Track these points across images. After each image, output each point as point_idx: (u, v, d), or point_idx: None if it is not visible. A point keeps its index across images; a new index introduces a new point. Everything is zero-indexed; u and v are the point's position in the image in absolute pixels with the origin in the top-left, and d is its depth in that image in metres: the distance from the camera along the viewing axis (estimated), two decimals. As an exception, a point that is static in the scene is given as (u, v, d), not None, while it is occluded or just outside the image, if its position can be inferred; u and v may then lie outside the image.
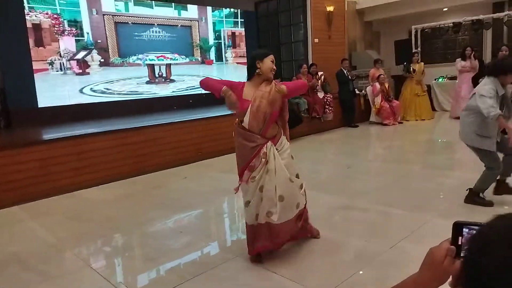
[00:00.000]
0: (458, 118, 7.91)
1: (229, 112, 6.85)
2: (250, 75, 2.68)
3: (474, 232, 0.79)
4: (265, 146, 2.63)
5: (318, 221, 3.23)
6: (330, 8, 9.25)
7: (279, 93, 2.63)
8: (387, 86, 8.47)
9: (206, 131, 6.37)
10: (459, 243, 0.80)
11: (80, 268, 2.90)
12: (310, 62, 8.74)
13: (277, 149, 2.68)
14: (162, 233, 3.51)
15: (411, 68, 8.64)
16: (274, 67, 2.67)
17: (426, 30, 9.97)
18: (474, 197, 3.55)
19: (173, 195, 4.61)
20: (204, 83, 2.74)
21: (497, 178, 3.57)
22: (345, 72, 8.28)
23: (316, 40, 9.10)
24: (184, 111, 7.29)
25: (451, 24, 9.42)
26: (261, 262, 2.76)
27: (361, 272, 2.57)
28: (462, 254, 0.79)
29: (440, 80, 9.69)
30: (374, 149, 7.00)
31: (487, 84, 3.30)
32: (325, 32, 9.32)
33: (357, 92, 8.74)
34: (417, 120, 8.58)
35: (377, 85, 8.37)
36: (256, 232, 2.73)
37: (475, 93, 3.39)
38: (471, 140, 3.48)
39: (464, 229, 0.80)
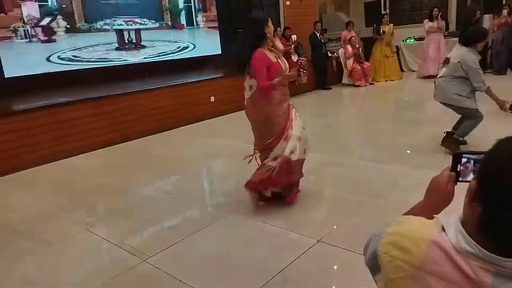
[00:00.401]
0: (425, 77, 8.48)
1: (205, 78, 6.92)
2: (261, 41, 2.79)
3: (475, 158, 0.96)
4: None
5: (307, 176, 3.45)
6: (301, -31, 9.15)
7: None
8: (358, 48, 8.64)
9: (183, 97, 6.37)
10: (458, 170, 0.97)
11: (78, 232, 2.98)
12: (283, 25, 8.73)
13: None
14: (155, 196, 3.61)
15: (381, 30, 8.83)
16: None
17: (394, -9, 10.12)
18: (450, 139, 3.89)
19: (159, 161, 4.68)
20: (268, 88, 2.78)
21: (448, 130, 3.96)
22: (318, 35, 8.36)
23: (288, 3, 9.04)
24: (159, 78, 7.18)
25: (419, -15, 9.59)
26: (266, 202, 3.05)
27: (348, 219, 2.81)
28: (471, 176, 0.96)
29: (408, 41, 9.97)
30: (348, 109, 7.26)
31: (470, 54, 3.60)
32: (297, -6, 9.25)
33: (330, 54, 8.87)
34: (386, 80, 8.88)
35: (349, 47, 8.53)
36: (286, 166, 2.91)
37: (459, 62, 3.65)
38: (453, 100, 3.79)
39: (462, 159, 0.97)
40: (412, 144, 4.40)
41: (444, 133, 4.00)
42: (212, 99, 6.75)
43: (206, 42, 8.92)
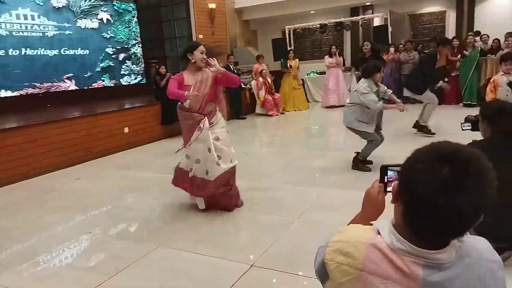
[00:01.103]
0: (327, 107, 9.28)
1: (116, 108, 6.63)
2: (185, 65, 3.27)
3: (398, 169, 1.10)
4: (201, 121, 3.26)
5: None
6: (212, 6, 9.51)
7: (215, 72, 3.16)
8: (269, 80, 9.14)
9: (94, 128, 6.00)
10: (385, 181, 1.12)
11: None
12: (196, 57, 8.87)
13: (212, 123, 3.32)
14: (67, 237, 3.28)
15: (288, 64, 9.50)
16: (205, 57, 3.13)
17: (297, 30, 11.03)
18: (358, 162, 4.39)
19: (70, 197, 4.29)
20: (170, 94, 3.19)
21: (358, 155, 4.45)
22: (231, 67, 8.65)
23: (201, 36, 9.26)
24: (65, 108, 6.68)
25: (318, 25, 10.62)
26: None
27: (278, 241, 2.89)
28: (390, 186, 1.10)
29: (311, 75, 10.86)
30: (263, 137, 7.55)
31: (363, 83, 4.20)
32: (209, 29, 9.55)
33: (243, 86, 9.22)
34: (295, 110, 9.50)
35: (261, 79, 8.98)
36: (182, 174, 3.50)
37: (355, 90, 4.26)
38: (353, 123, 4.33)
39: (388, 171, 1.12)
40: (325, 166, 4.73)
41: (355, 153, 4.47)
42: (126, 130, 6.47)
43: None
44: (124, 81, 8.87)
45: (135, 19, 9.13)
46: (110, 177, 5.03)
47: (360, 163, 4.39)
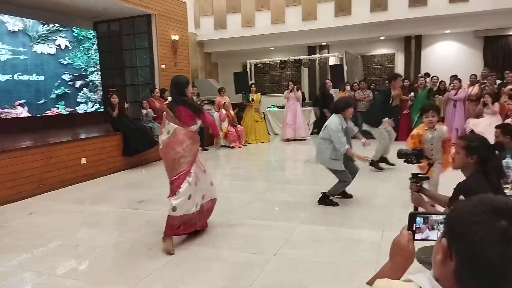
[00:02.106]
0: (286, 140, 9.47)
1: (73, 138, 6.30)
2: (181, 99, 3.42)
3: (426, 216, 1.12)
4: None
5: (202, 239, 3.42)
6: (175, 37, 9.54)
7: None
8: (232, 113, 9.20)
9: (48, 159, 5.62)
10: (414, 229, 1.13)
11: None
12: (157, 87, 8.78)
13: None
14: (18, 280, 2.97)
15: (250, 97, 9.66)
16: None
17: (258, 65, 11.33)
18: (325, 199, 4.40)
19: (21, 235, 3.92)
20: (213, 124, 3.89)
21: (325, 193, 4.48)
22: (194, 98, 8.62)
23: (163, 66, 9.20)
24: (15, 136, 6.23)
25: (279, 61, 10.99)
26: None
27: (257, 281, 2.81)
28: (419, 234, 1.11)
29: (272, 108, 11.10)
30: (228, 169, 7.48)
31: (335, 120, 4.21)
32: (171, 59, 9.52)
33: (205, 117, 9.18)
34: (257, 143, 9.59)
35: (223, 111, 9.02)
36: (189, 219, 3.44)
37: (326, 126, 4.26)
38: (327, 162, 4.35)
39: (417, 218, 1.14)
40: (293, 200, 4.75)
41: (321, 193, 4.47)
42: (83, 160, 6.14)
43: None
44: (80, 109, 8.53)
45: (94, 46, 8.94)
46: (66, 212, 4.69)
47: (328, 199, 4.43)
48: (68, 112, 8.16)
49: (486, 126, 7.06)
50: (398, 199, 4.46)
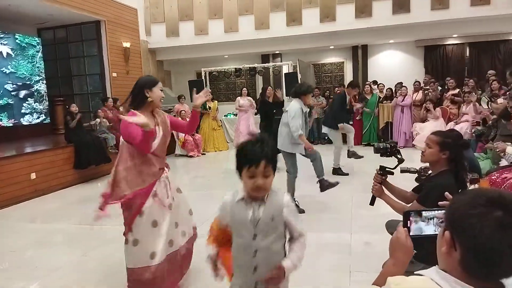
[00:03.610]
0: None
1: (22, 152, 5.87)
2: (140, 103, 2.52)
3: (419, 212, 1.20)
4: (165, 170, 2.63)
5: None
6: (126, 44, 9.27)
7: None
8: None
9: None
10: (408, 226, 1.20)
11: None
12: (109, 95, 8.45)
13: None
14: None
15: (207, 105, 9.59)
16: (163, 95, 2.65)
17: (213, 72, 11.30)
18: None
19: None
20: (144, 144, 2.38)
21: (318, 180, 4.59)
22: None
23: (115, 74, 8.89)
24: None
25: (234, 69, 11.04)
26: None
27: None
28: (420, 229, 1.18)
29: (229, 116, 11.10)
30: (188, 179, 7.33)
31: (294, 105, 4.31)
32: (123, 67, 9.23)
33: (161, 127, 8.97)
34: (216, 151, 9.53)
35: (180, 119, 8.86)
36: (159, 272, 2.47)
37: (287, 110, 4.34)
38: (286, 146, 4.37)
39: (411, 215, 1.21)
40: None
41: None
42: (33, 176, 5.74)
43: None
44: (25, 120, 7.99)
45: (39, 54, 8.44)
46: (18, 231, 4.35)
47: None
48: (12, 124, 7.60)
49: (431, 129, 7.57)
50: (361, 201, 4.64)
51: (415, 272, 1.02)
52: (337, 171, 6.28)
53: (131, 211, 2.49)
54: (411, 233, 1.19)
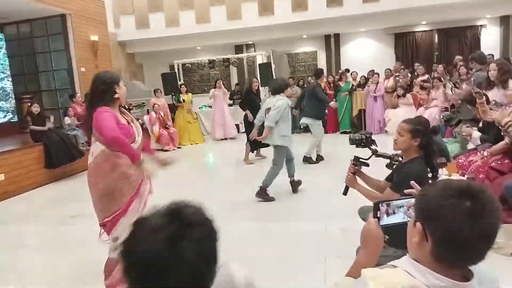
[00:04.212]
0: (217, 139, 9.43)
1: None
2: (107, 100, 2.42)
3: (387, 203, 1.22)
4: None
5: None
6: (94, 38, 8.98)
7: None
8: (162, 114, 8.94)
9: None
10: (378, 216, 1.23)
11: None
12: (78, 91, 8.21)
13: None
14: None
15: (181, 98, 9.47)
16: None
17: (186, 64, 11.14)
18: (263, 193, 4.54)
19: None
20: (123, 145, 2.34)
21: (290, 180, 4.73)
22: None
23: (83, 69, 8.61)
24: None
25: (207, 61, 10.92)
26: None
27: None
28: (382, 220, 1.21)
29: (203, 108, 10.99)
30: (164, 174, 7.24)
31: (282, 100, 4.49)
32: (92, 61, 8.94)
33: (134, 121, 8.81)
34: (191, 144, 9.44)
35: (153, 113, 8.73)
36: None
37: (275, 106, 4.49)
38: (276, 139, 4.52)
39: (380, 205, 1.23)
40: (233, 200, 4.77)
41: (259, 186, 4.61)
42: (2, 177, 5.54)
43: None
44: (-9, 119, 7.67)
45: (3, 50, 8.08)
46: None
47: (265, 193, 4.56)
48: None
49: (402, 115, 7.74)
50: (334, 189, 4.69)
51: (388, 264, 1.05)
52: (308, 159, 6.33)
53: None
54: (381, 223, 1.21)
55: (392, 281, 0.95)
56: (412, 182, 1.55)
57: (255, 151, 6.90)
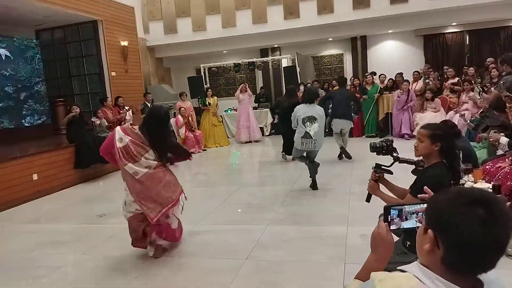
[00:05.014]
0: (241, 142, 9.52)
1: (22, 153, 5.93)
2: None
3: (399, 208, 1.22)
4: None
5: (170, 250, 3.44)
6: (124, 43, 9.28)
7: None
8: (189, 118, 9.10)
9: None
10: (389, 220, 1.22)
11: None
12: (108, 95, 8.49)
13: None
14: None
15: (207, 101, 9.61)
16: None
17: (212, 68, 11.30)
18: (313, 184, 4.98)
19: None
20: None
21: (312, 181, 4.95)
22: (149, 105, 8.45)
23: (114, 74, 8.92)
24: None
25: (233, 64, 11.03)
26: None
27: (231, 286, 2.83)
28: (393, 224, 1.20)
29: (229, 111, 11.11)
30: (189, 176, 7.38)
31: (320, 109, 4.95)
32: (122, 66, 9.25)
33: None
34: (217, 147, 9.56)
35: (180, 117, 8.90)
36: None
37: (314, 115, 4.82)
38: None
39: (392, 210, 1.23)
40: (258, 202, 4.80)
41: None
42: (35, 176, 5.81)
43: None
44: (27, 122, 8.06)
45: (38, 55, 8.47)
46: (20, 232, 4.41)
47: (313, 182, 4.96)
48: (13, 126, 7.68)
49: (431, 119, 7.54)
50: (358, 194, 4.65)
51: (397, 268, 1.04)
52: (345, 152, 6.67)
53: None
54: (391, 228, 1.21)
55: (401, 285, 0.95)
56: (425, 188, 1.53)
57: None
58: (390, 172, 2.41)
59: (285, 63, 11.29)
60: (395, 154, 2.44)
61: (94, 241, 3.91)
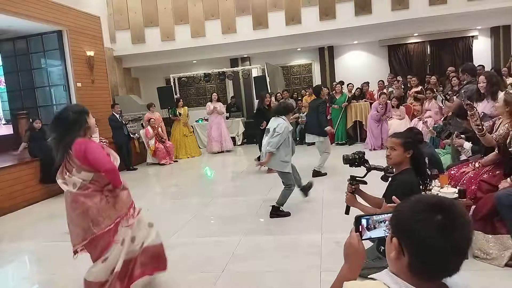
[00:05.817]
0: (213, 153, 9.45)
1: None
2: (80, 132, 2.60)
3: (368, 217, 1.25)
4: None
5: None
6: (90, 53, 9.06)
7: None
8: (159, 129, 8.97)
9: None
10: (360, 230, 1.25)
11: None
12: (75, 107, 8.23)
13: None
14: None
15: (177, 111, 9.51)
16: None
17: (182, 78, 11.22)
18: (276, 211, 4.42)
19: None
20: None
21: (300, 188, 4.74)
22: (118, 117, 8.27)
23: (79, 84, 8.68)
24: None
25: (203, 74, 11.01)
26: None
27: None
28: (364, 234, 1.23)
29: (199, 121, 11.04)
30: (161, 188, 7.25)
31: (284, 123, 4.32)
32: (88, 77, 9.02)
33: (131, 135, 8.84)
34: (188, 157, 9.46)
35: (149, 128, 8.76)
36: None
37: (275, 128, 4.32)
38: (278, 165, 4.38)
39: (362, 220, 1.26)
40: (233, 214, 4.78)
41: (270, 206, 4.48)
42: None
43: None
44: (-14, 136, 7.66)
45: (-1, 66, 8.12)
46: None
47: (279, 210, 4.43)
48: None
49: (397, 126, 7.81)
50: (331, 202, 4.73)
51: (368, 276, 1.08)
52: (318, 173, 6.20)
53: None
54: (363, 237, 1.24)
55: None
56: (394, 197, 1.59)
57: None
58: (365, 182, 2.48)
59: (255, 73, 11.38)
60: (367, 165, 2.52)
61: (63, 260, 3.75)
